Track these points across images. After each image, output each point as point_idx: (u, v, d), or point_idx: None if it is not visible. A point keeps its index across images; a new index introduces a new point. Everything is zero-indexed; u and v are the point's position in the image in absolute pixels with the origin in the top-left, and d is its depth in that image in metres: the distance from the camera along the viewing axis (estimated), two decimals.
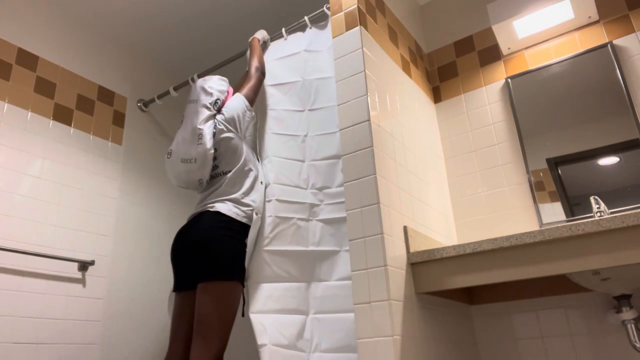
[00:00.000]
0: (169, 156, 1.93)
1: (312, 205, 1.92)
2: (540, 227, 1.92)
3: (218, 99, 1.97)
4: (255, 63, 2.09)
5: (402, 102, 1.97)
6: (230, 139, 1.90)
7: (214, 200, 1.85)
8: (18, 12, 2.42)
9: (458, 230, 2.12)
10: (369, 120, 1.64)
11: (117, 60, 2.88)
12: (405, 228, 1.64)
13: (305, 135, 2.02)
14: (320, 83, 2.07)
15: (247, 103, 1.98)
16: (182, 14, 2.71)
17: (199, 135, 1.86)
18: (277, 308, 1.75)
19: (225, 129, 1.91)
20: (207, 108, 1.93)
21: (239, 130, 1.94)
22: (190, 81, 2.60)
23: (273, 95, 2.09)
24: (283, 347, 1.68)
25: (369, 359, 1.40)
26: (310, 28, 2.20)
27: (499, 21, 2.04)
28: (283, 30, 2.26)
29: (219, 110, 1.98)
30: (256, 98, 2.04)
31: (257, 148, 2.05)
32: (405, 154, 1.85)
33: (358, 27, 1.78)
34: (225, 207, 1.81)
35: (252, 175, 1.90)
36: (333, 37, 1.86)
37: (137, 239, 2.69)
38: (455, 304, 1.87)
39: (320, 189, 1.94)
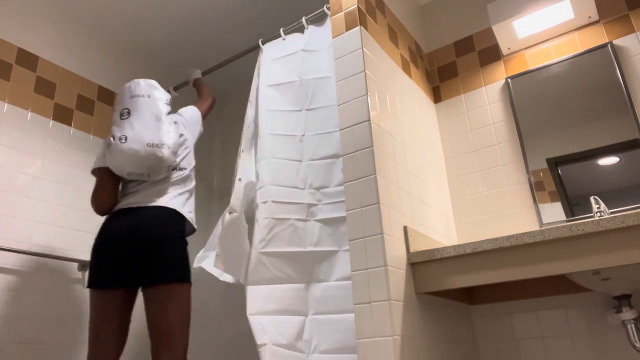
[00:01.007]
0: (123, 141, 1.81)
1: (310, 205, 1.91)
2: (540, 227, 1.92)
3: (170, 98, 2.06)
4: (210, 92, 2.40)
5: (402, 102, 1.97)
6: (187, 139, 2.04)
7: (164, 194, 1.84)
8: (18, 12, 2.42)
9: (458, 230, 2.12)
10: (369, 120, 1.64)
11: (117, 60, 2.88)
12: (405, 228, 1.64)
13: (303, 135, 2.02)
14: (317, 83, 2.06)
15: (200, 116, 2.19)
16: (182, 14, 2.71)
17: (167, 122, 1.93)
18: (275, 309, 1.75)
19: (184, 128, 2.05)
20: (166, 104, 2.01)
21: (192, 135, 2.09)
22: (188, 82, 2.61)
23: (270, 96, 2.09)
24: (283, 347, 1.68)
25: (369, 359, 1.40)
26: (307, 28, 2.19)
27: (499, 21, 2.04)
28: (281, 30, 2.26)
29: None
30: (205, 117, 2.26)
31: (254, 148, 2.06)
32: (405, 154, 1.85)
33: (358, 27, 1.78)
34: (179, 203, 1.86)
35: (193, 182, 2.00)
36: (333, 37, 1.86)
37: None
38: (455, 304, 1.87)
39: (318, 189, 1.93)
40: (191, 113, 2.15)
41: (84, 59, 2.68)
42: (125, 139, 1.82)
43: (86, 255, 2.39)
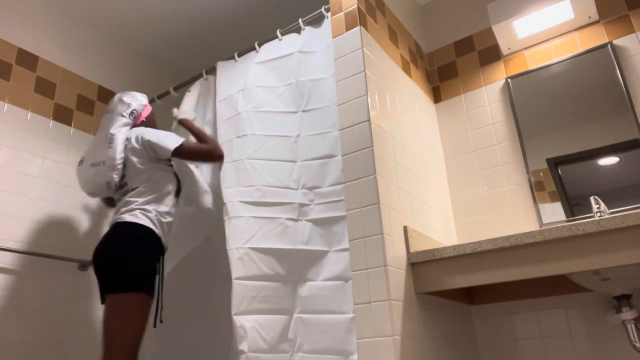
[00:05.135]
0: (80, 164, 1.97)
1: (302, 205, 1.90)
2: (540, 227, 1.92)
3: (135, 109, 2.03)
4: (218, 144, 2.01)
5: (402, 102, 1.97)
6: (140, 157, 1.90)
7: (121, 212, 1.84)
8: (18, 12, 2.42)
9: (458, 230, 2.13)
10: (369, 120, 1.64)
11: (117, 60, 2.88)
12: (405, 228, 1.64)
13: (298, 136, 2.01)
14: (313, 84, 2.05)
15: (177, 149, 1.91)
16: (182, 14, 2.71)
17: (110, 140, 1.91)
18: (262, 308, 1.74)
19: (138, 146, 1.91)
20: (122, 116, 1.99)
21: (152, 156, 1.92)
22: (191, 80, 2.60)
23: (264, 97, 2.08)
24: (262, 352, 1.67)
25: (369, 359, 1.40)
26: (304, 29, 2.19)
27: (499, 21, 2.04)
28: (278, 32, 2.25)
29: (135, 121, 2.03)
30: (189, 159, 1.99)
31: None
32: (405, 154, 1.85)
33: (358, 27, 1.79)
34: (131, 217, 1.81)
35: (165, 188, 1.90)
36: (333, 37, 1.86)
37: None
38: (455, 304, 1.87)
39: (311, 189, 1.92)
40: (163, 139, 1.92)
41: (84, 59, 2.68)
42: (82, 161, 1.97)
43: (86, 255, 2.39)
